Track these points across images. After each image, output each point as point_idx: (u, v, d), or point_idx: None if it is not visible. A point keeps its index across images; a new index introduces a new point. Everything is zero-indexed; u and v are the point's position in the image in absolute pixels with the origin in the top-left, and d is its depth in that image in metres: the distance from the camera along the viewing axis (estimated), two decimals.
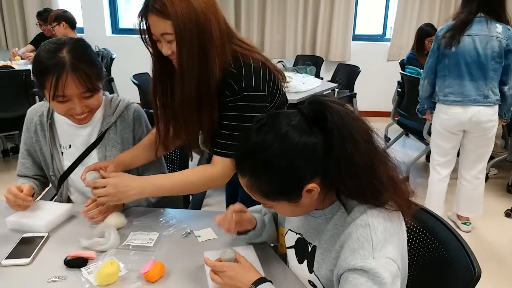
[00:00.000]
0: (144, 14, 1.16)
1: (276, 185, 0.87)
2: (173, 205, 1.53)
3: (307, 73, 4.06)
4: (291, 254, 1.07)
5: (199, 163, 1.48)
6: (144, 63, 1.38)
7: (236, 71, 1.20)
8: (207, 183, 1.32)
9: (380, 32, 5.52)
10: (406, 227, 0.94)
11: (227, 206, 1.75)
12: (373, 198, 0.86)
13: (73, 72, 1.21)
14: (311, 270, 0.99)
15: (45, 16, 4.31)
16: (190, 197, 1.78)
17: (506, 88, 2.43)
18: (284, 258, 1.14)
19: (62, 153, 1.45)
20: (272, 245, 1.22)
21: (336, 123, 0.82)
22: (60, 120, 1.43)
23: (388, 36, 5.45)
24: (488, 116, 2.43)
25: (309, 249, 0.99)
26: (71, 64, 1.21)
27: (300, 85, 3.34)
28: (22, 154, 1.51)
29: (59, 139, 1.46)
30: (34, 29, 5.39)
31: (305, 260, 1.01)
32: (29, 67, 3.77)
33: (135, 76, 3.31)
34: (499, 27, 2.34)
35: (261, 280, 0.93)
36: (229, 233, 1.12)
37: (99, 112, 1.44)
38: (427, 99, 2.67)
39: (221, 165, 1.26)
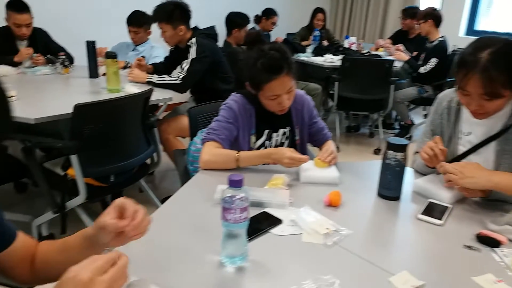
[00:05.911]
0: None
1: None
2: None
3: None
4: None
5: None
6: None
7: None
8: None
9: None
10: None
11: None
12: None
13: (480, 73, 1.25)
14: None
15: (409, 12, 4.67)
16: None
17: None
18: None
19: (459, 138, 1.53)
20: None
21: None
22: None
23: None
24: None
25: None
26: (482, 66, 1.25)
27: None
28: (426, 132, 1.66)
29: (460, 125, 1.54)
30: (390, 26, 5.91)
31: None
32: (390, 58, 4.19)
33: None
34: None
35: None
36: None
37: (508, 106, 1.42)
38: None
39: None
